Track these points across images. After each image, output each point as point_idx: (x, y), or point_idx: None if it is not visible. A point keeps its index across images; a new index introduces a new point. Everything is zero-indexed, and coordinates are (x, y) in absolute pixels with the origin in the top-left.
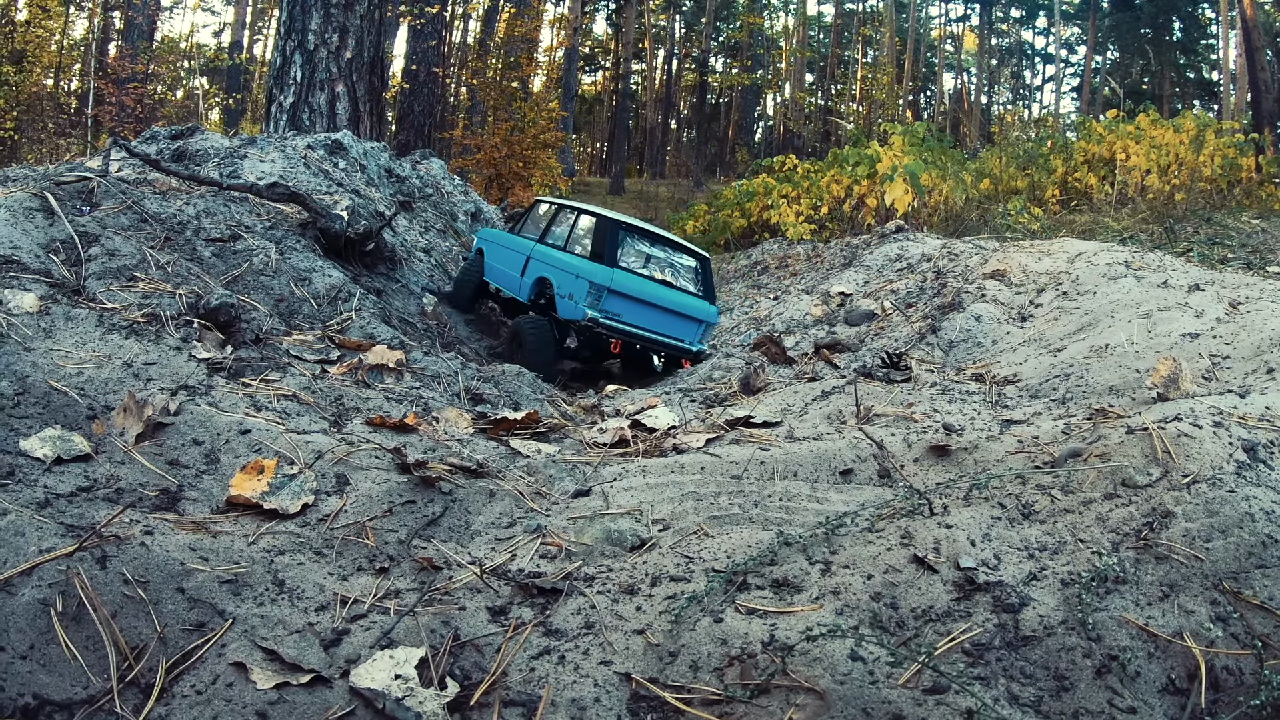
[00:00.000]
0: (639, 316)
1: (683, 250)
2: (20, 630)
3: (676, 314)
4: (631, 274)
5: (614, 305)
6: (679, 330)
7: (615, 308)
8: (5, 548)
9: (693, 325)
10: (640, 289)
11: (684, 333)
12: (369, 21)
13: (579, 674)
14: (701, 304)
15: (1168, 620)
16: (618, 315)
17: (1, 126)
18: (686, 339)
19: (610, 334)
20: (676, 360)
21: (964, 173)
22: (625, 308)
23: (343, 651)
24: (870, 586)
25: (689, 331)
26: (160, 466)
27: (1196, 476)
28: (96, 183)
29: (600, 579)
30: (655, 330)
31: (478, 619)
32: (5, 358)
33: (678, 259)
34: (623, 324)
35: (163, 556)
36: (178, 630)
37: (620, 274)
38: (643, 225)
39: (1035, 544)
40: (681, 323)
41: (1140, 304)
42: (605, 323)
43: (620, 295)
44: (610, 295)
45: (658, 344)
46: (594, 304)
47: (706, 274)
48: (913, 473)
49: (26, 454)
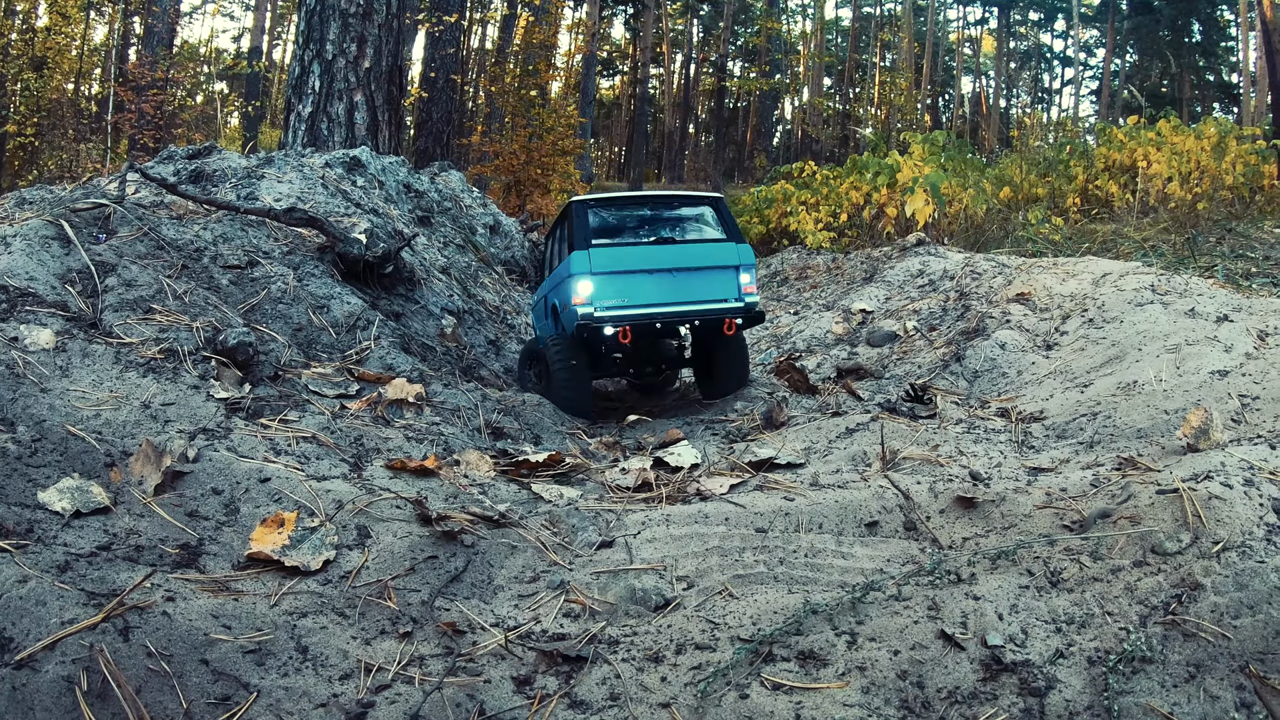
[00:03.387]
0: (645, 291)
1: (682, 201)
2: (45, 709)
3: (694, 270)
4: (614, 247)
5: (608, 290)
6: (706, 288)
7: (611, 292)
8: (27, 619)
9: (723, 276)
10: (632, 258)
11: (715, 288)
12: (387, 31)
13: None
14: (723, 247)
15: (1192, 707)
16: (620, 300)
17: (22, 132)
18: (722, 295)
19: (618, 323)
20: (716, 331)
21: (984, 181)
22: (623, 287)
23: None
24: (897, 664)
25: (721, 284)
26: (180, 519)
27: (1226, 544)
28: (113, 209)
29: (625, 643)
30: (672, 301)
31: (503, 690)
32: (22, 400)
33: (678, 211)
34: (628, 308)
35: (185, 626)
36: (202, 705)
37: (599, 251)
38: (626, 194)
39: (1063, 616)
40: (706, 278)
41: (1168, 336)
42: (604, 315)
43: (609, 274)
44: (597, 278)
45: (683, 315)
46: (584, 302)
47: (723, 215)
48: (939, 525)
49: (45, 507)
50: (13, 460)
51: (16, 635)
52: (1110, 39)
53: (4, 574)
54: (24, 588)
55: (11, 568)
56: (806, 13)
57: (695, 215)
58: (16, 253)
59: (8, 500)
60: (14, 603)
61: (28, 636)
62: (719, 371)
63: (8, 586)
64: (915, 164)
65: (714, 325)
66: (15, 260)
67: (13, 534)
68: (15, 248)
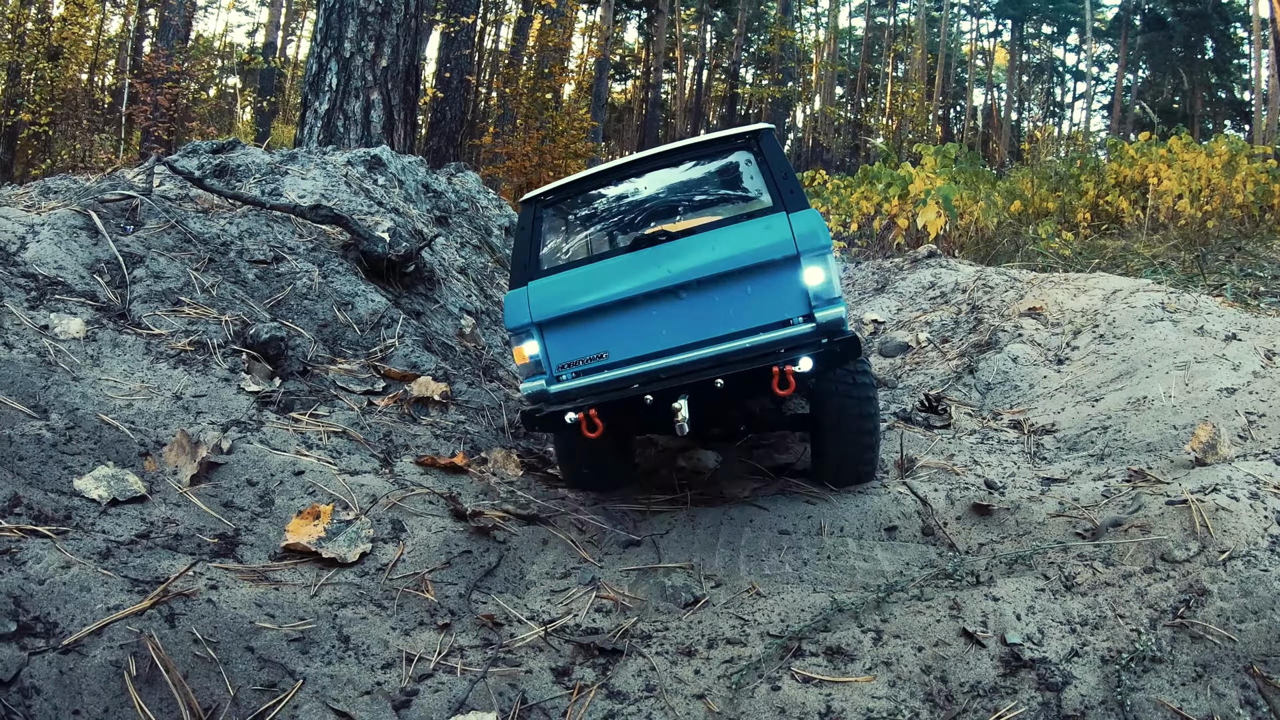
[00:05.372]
0: (631, 338)
1: (692, 154)
2: (94, 693)
3: (714, 280)
4: (570, 270)
5: (569, 345)
6: (741, 310)
7: (576, 347)
8: (72, 604)
9: (772, 280)
10: (601, 282)
11: (757, 308)
12: (405, 30)
13: None
14: (765, 224)
15: (1200, 704)
16: (594, 359)
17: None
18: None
19: (581, 406)
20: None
21: (995, 194)
22: (596, 336)
23: (414, 714)
24: (921, 659)
25: (769, 298)
26: (216, 509)
27: (1233, 553)
28: (140, 201)
29: (658, 638)
30: (678, 345)
31: (542, 680)
32: (55, 388)
33: (687, 175)
34: (605, 372)
35: (230, 614)
36: (249, 691)
37: (545, 285)
38: (600, 169)
39: (1077, 618)
40: (739, 290)
41: (1177, 353)
42: (566, 389)
43: (566, 322)
44: (549, 334)
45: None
46: (533, 371)
47: (768, 164)
48: (955, 531)
49: (81, 494)
50: (48, 447)
51: (61, 620)
52: (1123, 54)
53: (47, 560)
54: (67, 574)
55: (54, 554)
56: (820, 21)
57: (718, 176)
58: (45, 241)
59: (44, 486)
60: (58, 588)
61: (73, 622)
62: (824, 445)
63: (51, 572)
64: (928, 175)
65: (755, 383)
66: (44, 249)
67: (52, 520)
68: (44, 236)
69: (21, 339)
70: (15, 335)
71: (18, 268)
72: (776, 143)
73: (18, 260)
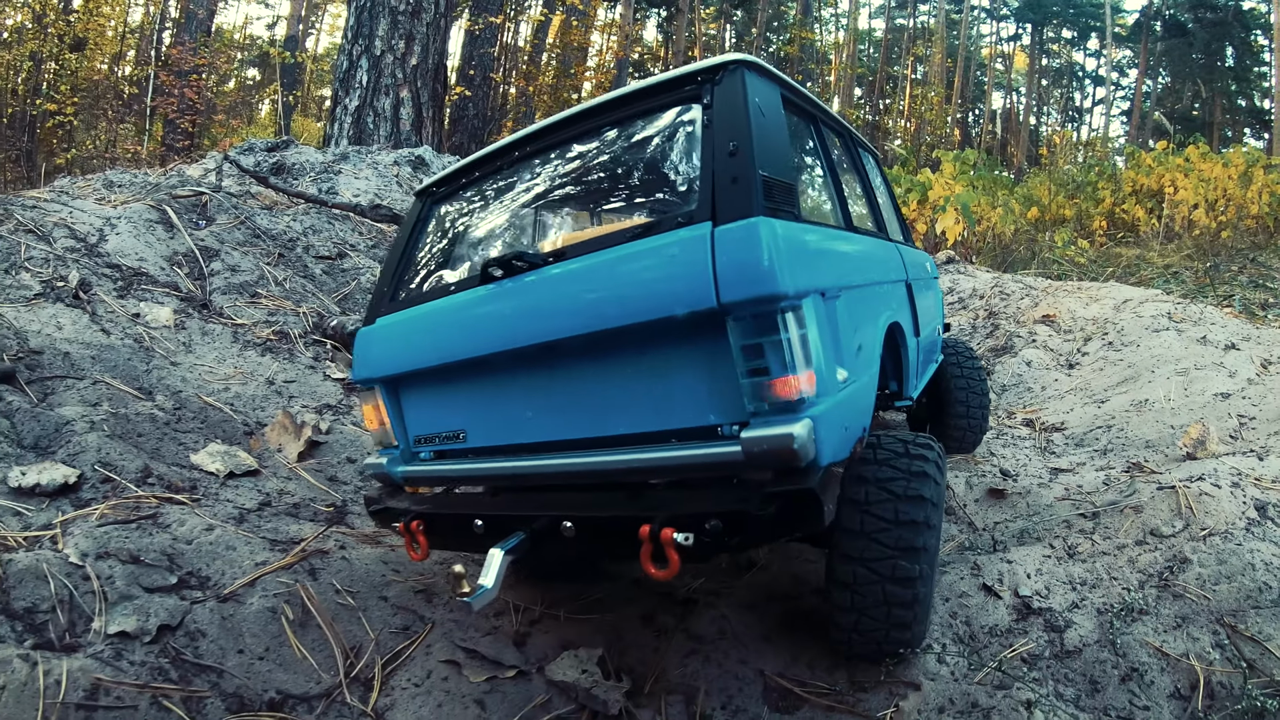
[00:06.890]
0: (491, 418)
1: (614, 110)
2: (254, 635)
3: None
4: (426, 302)
5: (427, 413)
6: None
7: (436, 417)
8: (220, 561)
9: (686, 353)
10: (449, 330)
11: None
12: (434, 29)
13: (723, 670)
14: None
15: (1178, 644)
16: (452, 437)
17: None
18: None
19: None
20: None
21: (1012, 200)
22: (454, 405)
23: (531, 650)
24: (949, 607)
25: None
26: (323, 483)
27: (1212, 530)
28: (209, 197)
29: (725, 594)
30: (551, 439)
31: (632, 624)
32: (156, 372)
33: (598, 151)
34: (461, 460)
35: (363, 569)
36: (387, 634)
37: (392, 322)
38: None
39: (1078, 579)
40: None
41: (1179, 360)
42: (413, 473)
43: (420, 378)
44: (408, 392)
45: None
46: (381, 441)
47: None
48: (974, 511)
49: (199, 468)
50: (161, 425)
51: (213, 575)
52: (1143, 60)
53: (190, 523)
54: (211, 535)
55: (194, 518)
56: (840, 23)
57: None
58: (124, 234)
59: (165, 460)
60: (205, 547)
61: (224, 575)
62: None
63: (197, 534)
64: (946, 181)
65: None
66: (124, 241)
67: (182, 489)
68: (122, 229)
69: (117, 326)
70: (110, 322)
71: (102, 258)
72: (746, 90)
73: (100, 251)
